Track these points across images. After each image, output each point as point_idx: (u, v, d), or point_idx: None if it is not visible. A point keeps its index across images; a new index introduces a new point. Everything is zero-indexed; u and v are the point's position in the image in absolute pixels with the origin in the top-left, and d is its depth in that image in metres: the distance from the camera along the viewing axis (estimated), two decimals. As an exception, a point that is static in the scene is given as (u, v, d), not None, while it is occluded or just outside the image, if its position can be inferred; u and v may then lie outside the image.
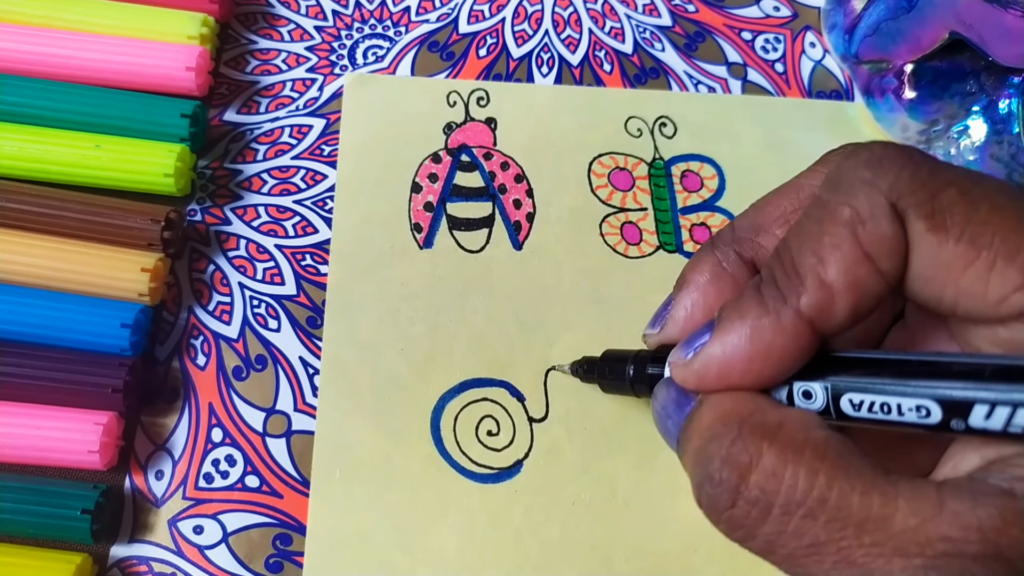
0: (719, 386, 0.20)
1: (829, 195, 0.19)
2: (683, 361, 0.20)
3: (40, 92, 0.29)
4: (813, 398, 0.19)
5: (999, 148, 0.31)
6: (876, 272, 0.18)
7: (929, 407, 0.17)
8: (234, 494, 0.27)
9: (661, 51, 0.35)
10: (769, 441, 0.18)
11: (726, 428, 0.18)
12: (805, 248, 0.18)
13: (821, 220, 0.19)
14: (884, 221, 0.18)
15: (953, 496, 0.16)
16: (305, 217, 0.30)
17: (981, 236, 0.17)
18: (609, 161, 0.32)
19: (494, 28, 0.35)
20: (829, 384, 0.19)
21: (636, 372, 0.24)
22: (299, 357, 0.28)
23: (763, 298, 0.19)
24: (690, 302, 0.22)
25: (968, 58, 0.31)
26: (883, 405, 0.18)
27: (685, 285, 0.23)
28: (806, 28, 0.36)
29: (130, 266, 0.27)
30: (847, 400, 0.19)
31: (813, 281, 0.18)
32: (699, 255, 0.23)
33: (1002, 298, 0.17)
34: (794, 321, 0.18)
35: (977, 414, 0.17)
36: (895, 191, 0.18)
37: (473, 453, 0.27)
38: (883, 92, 0.33)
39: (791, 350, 0.19)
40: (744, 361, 0.19)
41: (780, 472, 0.17)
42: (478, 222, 0.31)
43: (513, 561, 0.26)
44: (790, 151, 0.33)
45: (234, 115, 0.32)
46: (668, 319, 0.23)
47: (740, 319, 0.19)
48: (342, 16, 0.34)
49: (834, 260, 0.18)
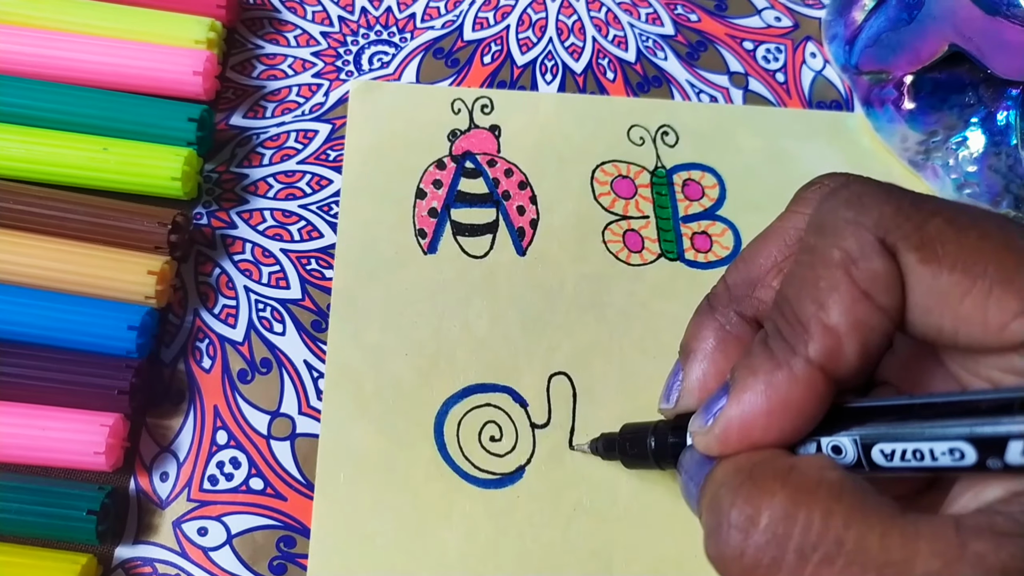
0: (743, 447, 0.19)
1: (816, 239, 0.19)
2: (704, 429, 0.20)
3: (49, 95, 0.29)
4: (844, 453, 0.19)
5: (997, 159, 0.32)
6: (877, 309, 0.18)
7: (963, 449, 0.17)
8: (238, 496, 0.27)
9: (664, 60, 0.35)
10: (781, 483, 0.17)
11: (737, 474, 0.18)
12: (803, 296, 0.18)
13: (813, 265, 0.18)
14: (876, 258, 0.18)
15: (975, 536, 0.16)
16: (310, 222, 0.31)
17: (975, 264, 0.17)
18: (612, 169, 0.33)
19: (499, 35, 0.35)
20: (858, 436, 0.18)
21: (658, 444, 0.24)
22: (304, 361, 0.29)
23: (772, 352, 0.19)
24: (701, 371, 0.22)
25: (967, 70, 0.32)
26: (916, 452, 0.18)
27: (692, 354, 0.22)
28: (807, 39, 0.37)
29: (137, 269, 0.28)
30: (878, 451, 0.18)
31: (817, 328, 0.18)
32: (699, 320, 0.23)
33: (1003, 325, 0.17)
34: (806, 370, 0.18)
35: (1014, 450, 0.16)
36: (881, 227, 0.18)
37: (476, 458, 0.28)
38: (883, 103, 0.34)
39: (808, 400, 0.18)
40: (763, 417, 0.19)
41: (793, 514, 0.17)
42: (482, 228, 0.31)
43: (515, 566, 0.26)
44: (790, 161, 0.34)
45: (240, 119, 0.32)
46: (682, 391, 0.23)
47: (753, 376, 0.19)
48: (348, 22, 0.35)
49: (834, 303, 0.18)
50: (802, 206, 0.21)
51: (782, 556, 0.17)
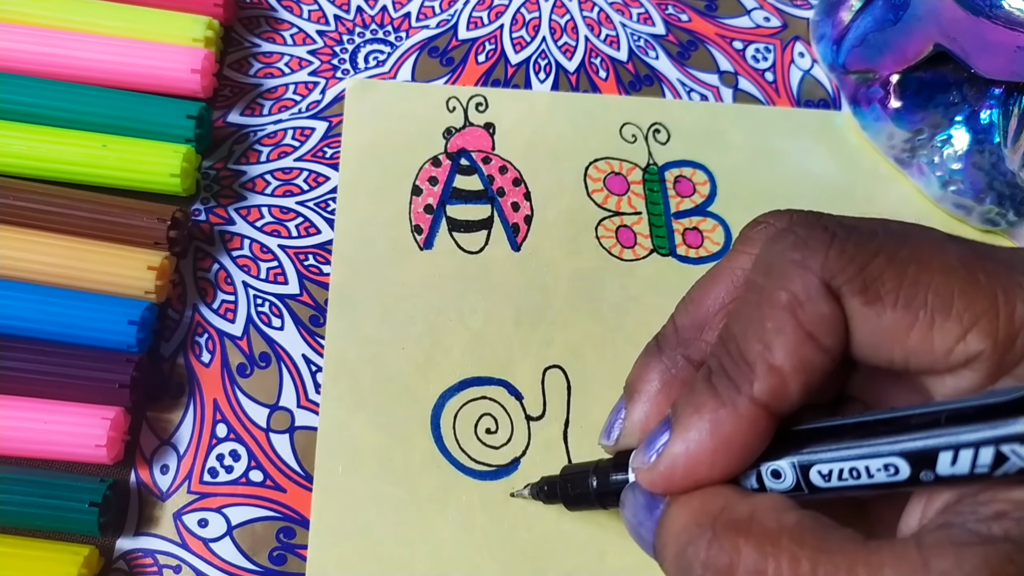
0: (688, 485, 0.20)
1: (764, 279, 0.19)
2: (647, 465, 0.20)
3: (49, 93, 0.29)
4: (782, 477, 0.19)
5: (981, 157, 0.32)
6: (820, 350, 0.18)
7: (897, 464, 0.18)
8: (238, 488, 0.27)
9: (655, 59, 0.36)
10: (744, 536, 0.18)
11: (700, 530, 0.18)
12: (750, 335, 0.19)
13: (760, 305, 0.19)
14: (821, 301, 0.18)
15: (936, 554, 0.16)
16: (308, 218, 0.31)
17: (915, 298, 0.18)
18: (604, 166, 0.33)
19: (493, 35, 0.35)
20: (796, 460, 0.19)
21: (600, 483, 0.24)
22: (302, 355, 0.29)
23: (716, 390, 0.19)
24: (643, 413, 0.22)
25: (952, 70, 0.33)
26: (852, 470, 0.18)
27: (636, 395, 0.23)
28: (795, 39, 0.37)
29: (137, 264, 0.28)
30: (816, 472, 0.19)
31: (763, 367, 0.18)
32: (646, 361, 0.23)
33: (948, 350, 0.18)
34: (750, 408, 0.19)
35: (943, 462, 0.17)
36: (827, 270, 0.18)
37: (472, 450, 0.28)
38: (869, 102, 0.34)
39: (752, 437, 0.19)
40: (708, 455, 0.19)
41: (763, 567, 0.17)
42: (477, 224, 0.31)
43: (510, 556, 0.27)
44: (779, 158, 0.34)
45: (238, 117, 0.33)
46: (624, 430, 0.23)
47: (697, 415, 0.19)
48: (344, 21, 0.35)
49: (779, 344, 0.18)
50: (747, 246, 0.21)
51: None
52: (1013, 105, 0.31)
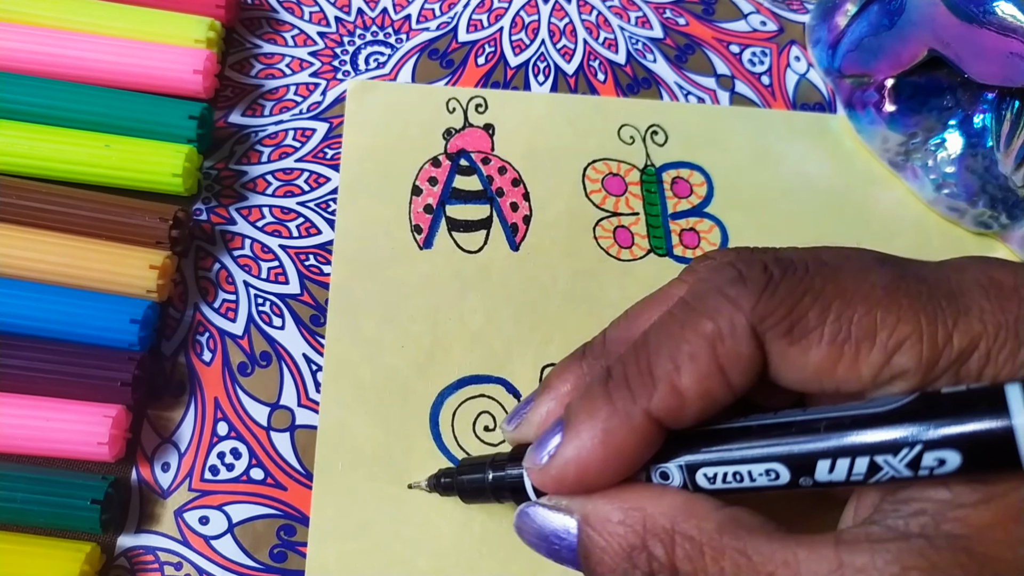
0: (578, 489, 0.20)
1: (695, 303, 0.19)
2: (539, 466, 0.21)
3: (52, 92, 0.30)
4: (670, 479, 0.20)
5: (974, 160, 0.33)
6: (727, 385, 0.19)
7: (777, 470, 0.18)
8: (239, 486, 0.27)
9: (653, 62, 0.36)
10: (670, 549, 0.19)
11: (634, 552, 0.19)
12: (664, 351, 0.19)
13: (684, 326, 0.19)
14: (743, 341, 0.18)
15: (850, 550, 0.17)
16: (308, 218, 0.31)
17: (838, 333, 0.18)
18: (603, 167, 0.33)
19: (492, 37, 0.36)
20: (683, 463, 0.20)
21: (495, 477, 0.24)
22: (303, 354, 0.29)
23: (611, 397, 0.19)
24: (546, 409, 0.23)
25: (945, 74, 0.33)
26: (735, 474, 0.19)
27: (547, 389, 0.23)
28: (791, 43, 0.38)
29: (138, 263, 0.28)
30: (702, 475, 0.19)
31: (665, 386, 0.19)
32: (567, 362, 0.23)
33: (874, 376, 0.18)
34: (643, 421, 0.19)
35: (821, 469, 0.18)
36: (756, 313, 0.18)
37: (470, 447, 0.28)
38: (864, 105, 0.35)
39: (642, 446, 0.19)
40: (599, 462, 0.19)
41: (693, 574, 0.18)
42: (476, 224, 0.32)
43: (508, 553, 0.27)
44: (775, 160, 0.35)
45: (239, 117, 0.33)
46: (524, 421, 0.23)
47: (590, 420, 0.20)
48: (345, 23, 0.35)
49: (690, 370, 0.19)
50: (691, 276, 0.22)
51: None
52: (1006, 110, 0.32)
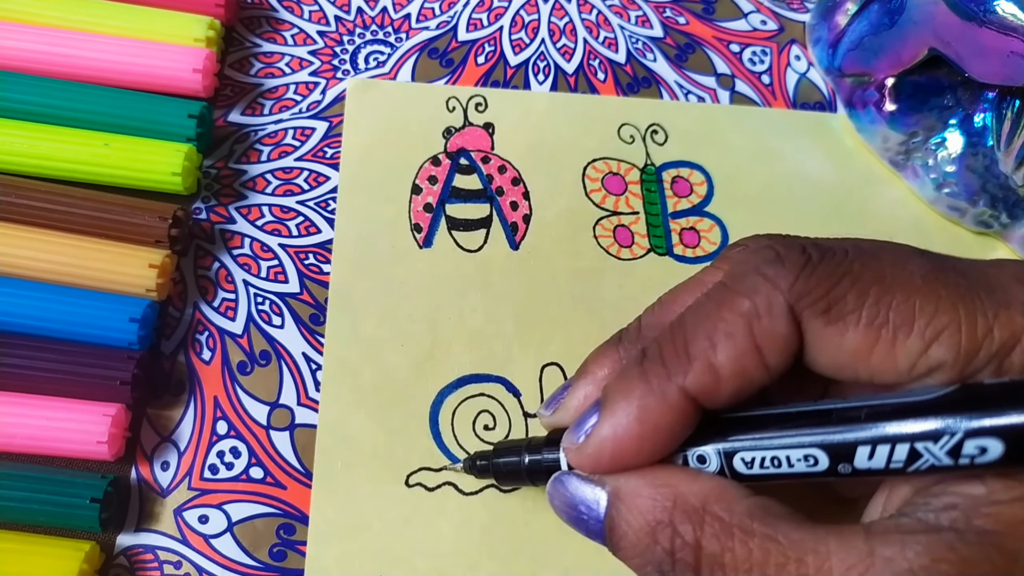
0: (614, 467, 0.20)
1: (732, 283, 0.19)
2: (576, 445, 0.21)
3: (51, 91, 0.30)
4: (708, 462, 0.20)
5: (974, 160, 0.33)
6: (763, 365, 0.19)
7: (816, 455, 0.18)
8: (239, 485, 0.27)
9: (653, 61, 0.36)
10: (699, 527, 0.19)
11: (660, 526, 0.19)
12: (700, 330, 0.19)
13: (720, 306, 0.19)
14: (780, 320, 0.18)
15: (882, 542, 0.17)
16: (308, 217, 0.31)
17: (877, 317, 0.18)
18: (603, 166, 0.33)
19: (492, 36, 0.36)
20: (721, 447, 0.20)
21: (531, 460, 0.24)
22: (302, 353, 0.29)
23: (647, 376, 0.19)
24: (583, 394, 0.23)
25: (946, 73, 0.33)
26: (773, 459, 0.19)
27: (584, 375, 0.23)
28: (792, 42, 0.38)
29: (138, 262, 0.28)
30: (739, 460, 0.19)
31: (702, 364, 0.19)
32: (603, 348, 0.23)
33: (911, 365, 0.18)
34: (679, 399, 0.19)
35: (861, 456, 0.18)
36: (794, 292, 0.19)
37: (470, 447, 0.28)
38: (865, 105, 0.35)
39: (678, 425, 0.19)
40: (635, 440, 0.20)
41: (720, 558, 0.18)
42: (476, 223, 0.32)
43: (508, 552, 0.27)
44: (775, 159, 0.35)
45: (239, 116, 0.33)
46: (561, 406, 0.23)
47: (626, 399, 0.20)
48: (344, 22, 0.35)
49: (726, 348, 0.19)
50: (725, 263, 0.22)
51: None
52: (1006, 109, 0.32)
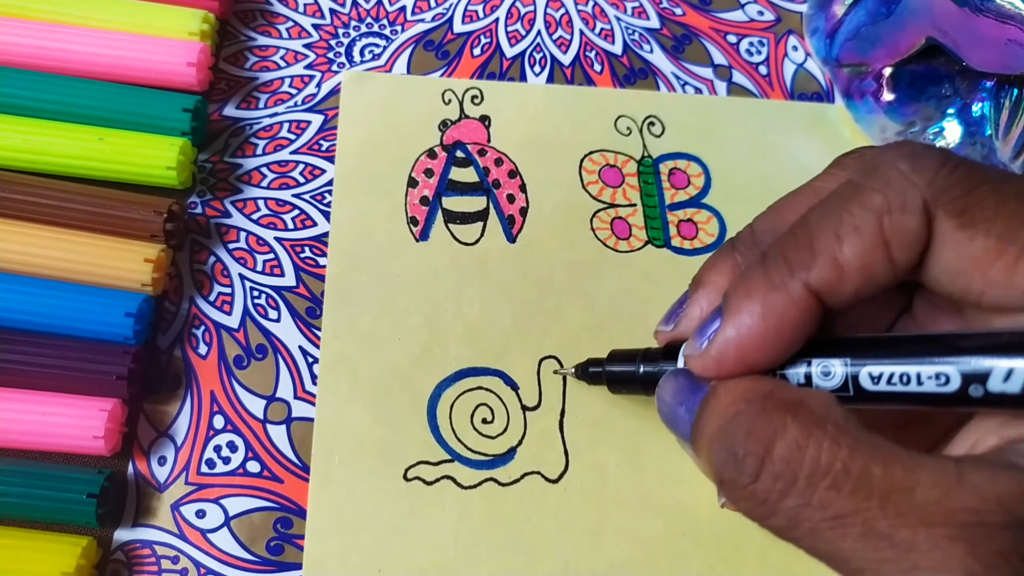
0: (739, 369, 0.20)
1: (863, 180, 0.19)
2: (699, 351, 0.20)
3: (45, 86, 0.29)
4: (832, 375, 0.19)
5: (972, 149, 0.33)
6: (889, 261, 0.19)
7: (948, 373, 0.18)
8: (236, 479, 0.27)
9: (649, 52, 0.36)
10: (792, 415, 0.18)
11: (748, 405, 0.19)
12: (826, 224, 0.19)
13: (849, 201, 0.19)
14: (913, 215, 0.18)
15: (972, 470, 0.17)
16: (304, 210, 0.31)
17: (1008, 231, 0.18)
18: (599, 158, 0.33)
19: (488, 28, 0.36)
20: (849, 360, 0.19)
21: (646, 371, 0.24)
22: (299, 346, 0.29)
23: (769, 274, 0.19)
24: (707, 302, 0.23)
25: (944, 62, 0.33)
26: (903, 376, 0.19)
27: (702, 285, 0.23)
28: (789, 32, 0.38)
29: (133, 257, 0.28)
30: (866, 374, 0.19)
31: (826, 259, 0.19)
32: (718, 256, 0.23)
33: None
34: (802, 292, 0.19)
35: (996, 378, 0.17)
36: (932, 188, 0.18)
37: (468, 440, 0.28)
38: (862, 94, 0.34)
39: (802, 322, 0.19)
40: (759, 339, 0.19)
41: (804, 443, 0.18)
42: (473, 216, 0.32)
43: (507, 545, 0.27)
44: (773, 150, 0.34)
45: (234, 110, 0.33)
46: (683, 317, 0.23)
47: (749, 298, 0.19)
48: (339, 14, 0.35)
49: (853, 241, 0.19)
50: (840, 168, 0.21)
51: (792, 483, 0.18)
52: (1004, 98, 0.32)
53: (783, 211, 0.22)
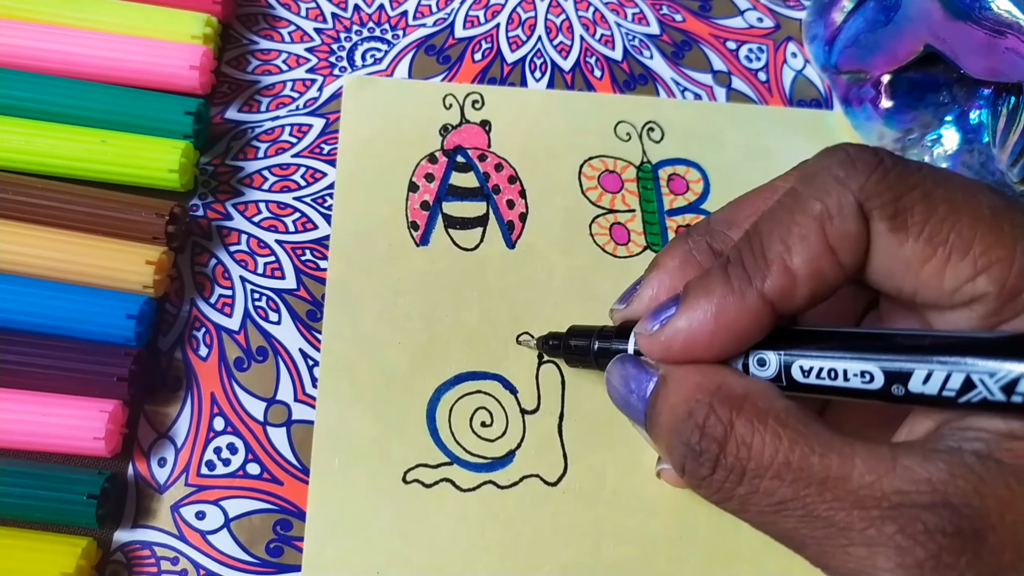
0: (682, 358, 0.21)
1: (803, 188, 0.20)
2: (649, 332, 0.22)
3: (48, 88, 0.30)
4: (767, 366, 0.21)
5: (970, 156, 0.33)
6: (837, 264, 0.20)
7: (872, 372, 0.19)
8: (235, 481, 0.27)
9: (649, 58, 0.36)
10: (737, 411, 0.19)
11: (698, 403, 0.20)
12: (775, 235, 0.20)
13: (793, 211, 0.20)
14: (851, 219, 0.19)
15: (905, 455, 0.18)
16: (305, 214, 0.31)
17: (937, 235, 0.19)
18: (599, 164, 0.33)
19: (489, 33, 0.36)
20: (783, 353, 0.20)
21: (600, 347, 0.26)
22: (299, 349, 0.29)
23: (729, 278, 0.20)
24: (657, 283, 0.24)
25: (942, 70, 0.33)
26: (831, 371, 0.20)
27: (655, 267, 0.24)
28: (788, 39, 0.38)
29: (135, 259, 0.28)
30: (797, 367, 0.20)
31: (778, 267, 0.20)
32: (673, 242, 0.24)
33: (956, 288, 0.19)
34: (757, 302, 0.20)
35: (916, 379, 0.18)
36: (864, 192, 0.19)
37: (467, 443, 0.28)
38: (861, 101, 0.35)
39: (751, 327, 0.20)
40: (708, 335, 0.20)
41: (749, 440, 0.19)
42: (473, 221, 0.32)
43: (505, 548, 0.27)
44: (772, 156, 0.35)
45: (235, 113, 0.33)
46: (635, 297, 0.24)
47: (706, 296, 0.21)
48: (341, 19, 0.35)
49: (800, 250, 0.20)
50: (798, 169, 0.22)
51: (741, 475, 0.19)
52: (1001, 105, 0.32)
53: (740, 207, 0.23)
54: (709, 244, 0.23)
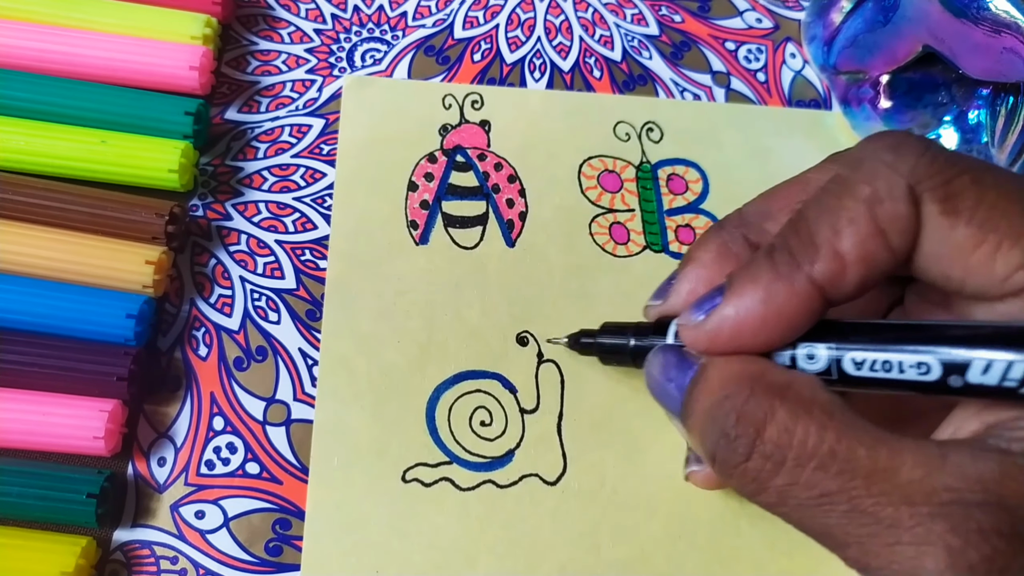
0: (730, 348, 0.20)
1: (850, 173, 0.20)
2: (694, 323, 0.21)
3: (48, 88, 0.30)
4: (816, 359, 0.20)
5: (969, 156, 0.33)
6: (887, 248, 0.19)
7: (929, 363, 0.18)
8: (235, 480, 0.27)
9: (648, 59, 0.36)
10: (780, 399, 0.19)
11: (738, 387, 0.19)
12: (823, 220, 0.20)
13: (840, 195, 0.20)
14: (901, 202, 0.19)
15: (955, 452, 0.17)
16: (304, 214, 0.31)
17: (989, 220, 0.18)
18: (598, 163, 0.33)
19: (488, 34, 0.36)
20: (834, 345, 0.20)
21: (636, 344, 0.25)
22: (299, 348, 0.29)
23: (775, 264, 0.20)
24: (695, 276, 0.23)
25: (940, 70, 0.33)
26: (884, 363, 0.19)
27: (691, 261, 0.24)
28: (787, 39, 0.38)
29: (135, 259, 0.28)
30: (850, 360, 0.20)
31: (828, 251, 0.19)
32: (706, 235, 0.24)
33: (1006, 276, 0.18)
34: (806, 286, 0.19)
35: (975, 369, 0.18)
36: (914, 175, 0.19)
37: (467, 442, 0.28)
38: (860, 102, 0.35)
39: (801, 314, 0.20)
40: (756, 323, 0.20)
41: (792, 427, 0.18)
42: (472, 220, 0.32)
43: (505, 548, 0.27)
44: (771, 157, 0.35)
45: (235, 114, 0.33)
46: (672, 292, 0.24)
47: (753, 283, 0.20)
48: (341, 20, 0.35)
49: (850, 233, 0.19)
50: (833, 162, 0.22)
51: (781, 463, 0.18)
52: (1000, 105, 0.32)
53: (774, 198, 0.23)
54: (744, 236, 0.23)
